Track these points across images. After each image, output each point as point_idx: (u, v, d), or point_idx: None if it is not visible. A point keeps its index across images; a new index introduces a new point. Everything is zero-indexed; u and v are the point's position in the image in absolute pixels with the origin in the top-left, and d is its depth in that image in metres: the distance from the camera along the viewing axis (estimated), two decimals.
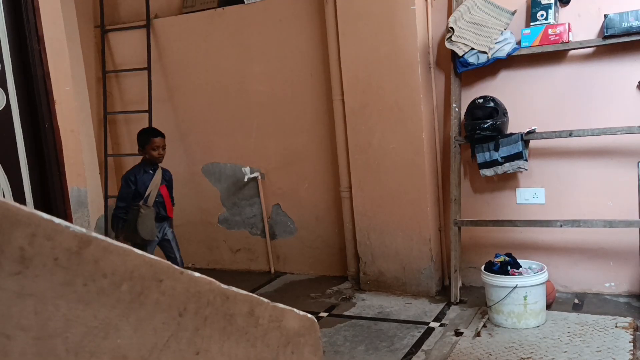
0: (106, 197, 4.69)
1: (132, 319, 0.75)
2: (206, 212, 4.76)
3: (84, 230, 0.71)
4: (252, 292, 3.41)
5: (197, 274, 0.83)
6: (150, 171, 3.59)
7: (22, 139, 2.85)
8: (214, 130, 4.59)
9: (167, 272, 0.79)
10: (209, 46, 4.48)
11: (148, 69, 4.59)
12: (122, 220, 3.55)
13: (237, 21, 4.35)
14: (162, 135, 3.59)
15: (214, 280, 0.85)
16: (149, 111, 4.58)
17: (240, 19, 4.34)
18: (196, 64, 4.56)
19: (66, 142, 3.32)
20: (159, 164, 3.62)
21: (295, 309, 1.03)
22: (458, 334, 3.10)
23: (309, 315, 1.05)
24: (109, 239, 0.73)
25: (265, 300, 0.95)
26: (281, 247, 4.52)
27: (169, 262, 0.79)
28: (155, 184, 3.57)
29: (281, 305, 0.98)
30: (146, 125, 4.59)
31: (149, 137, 3.54)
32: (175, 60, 4.65)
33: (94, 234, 0.71)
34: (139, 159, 3.76)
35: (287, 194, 4.41)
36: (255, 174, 4.41)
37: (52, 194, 3.06)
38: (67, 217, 3.53)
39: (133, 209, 3.52)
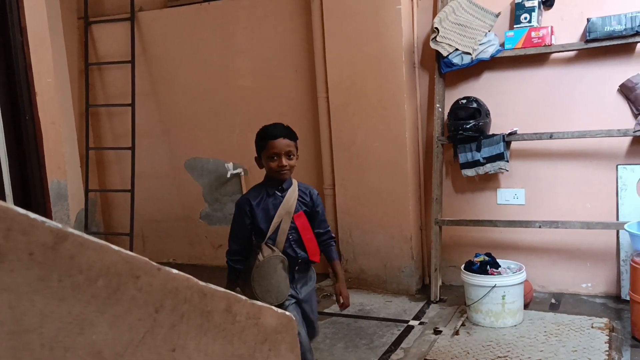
0: (87, 191, 4.65)
1: (107, 315, 0.75)
2: (188, 208, 4.74)
3: (60, 225, 0.71)
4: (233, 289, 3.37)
5: (174, 271, 0.83)
6: (277, 192, 2.34)
7: (2, 131, 2.82)
8: (197, 125, 4.57)
9: (144, 269, 0.78)
10: (194, 40, 4.46)
11: (132, 62, 4.55)
12: (237, 272, 2.37)
13: (222, 16, 4.33)
14: (287, 136, 2.31)
15: (191, 277, 0.85)
16: (132, 105, 4.55)
17: (225, 14, 4.32)
18: (181, 58, 4.53)
19: (47, 135, 3.28)
20: (292, 180, 2.40)
21: (273, 307, 1.03)
22: (437, 332, 3.13)
23: (287, 312, 1.05)
24: (85, 235, 0.73)
25: (243, 297, 0.96)
26: None
27: (146, 258, 0.79)
28: (285, 211, 2.32)
29: (259, 303, 0.98)
30: (129, 119, 4.55)
31: (264, 139, 2.31)
32: (159, 54, 4.61)
33: (70, 230, 0.71)
34: (122, 154, 3.65)
35: None
36: (238, 170, 4.39)
37: (31, 187, 3.04)
38: (47, 209, 3.50)
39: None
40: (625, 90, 3.28)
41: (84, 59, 4.75)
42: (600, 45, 3.21)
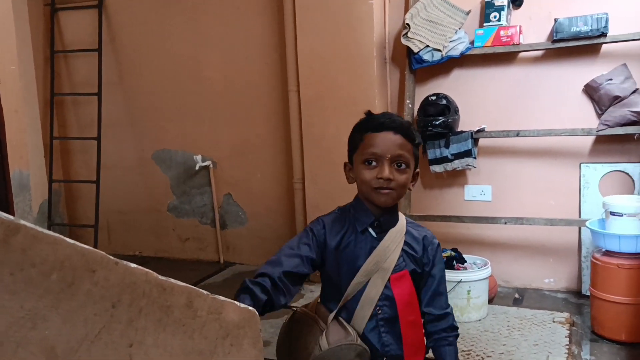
0: (50, 181, 4.55)
1: (61, 310, 0.73)
2: (155, 200, 4.67)
3: (11, 217, 0.68)
4: (200, 281, 3.37)
5: (133, 265, 0.81)
6: (371, 231, 1.51)
7: None
8: (165, 116, 4.50)
9: (100, 263, 0.77)
10: (164, 30, 4.39)
11: (99, 50, 4.45)
12: (250, 292, 1.32)
13: (193, 6, 4.27)
14: (401, 132, 1.47)
15: (150, 271, 0.84)
16: (99, 94, 4.45)
17: (197, 3, 4.26)
18: (149, 47, 4.45)
19: (9, 123, 3.20)
20: (400, 215, 1.57)
21: (236, 302, 1.02)
22: None
23: (250, 307, 1.05)
24: (38, 227, 0.70)
25: (205, 292, 0.94)
26: (231, 237, 4.49)
27: (103, 252, 0.77)
28: (378, 266, 1.47)
29: (221, 298, 0.97)
30: (95, 108, 4.46)
31: (361, 130, 1.54)
32: (127, 43, 4.53)
33: (23, 222, 0.69)
34: (87, 144, 3.59)
35: (239, 183, 4.37)
36: (207, 163, 4.35)
37: None
38: (8, 200, 3.41)
39: (297, 319, 1.55)
40: (590, 90, 3.35)
41: (49, 47, 4.64)
42: (567, 46, 3.27)
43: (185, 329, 0.90)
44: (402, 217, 1.57)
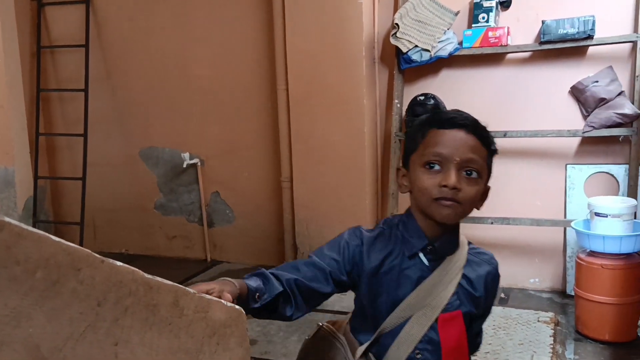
0: (36, 178, 4.50)
1: (46, 308, 0.72)
2: (142, 197, 4.64)
3: None
4: (187, 280, 3.35)
5: (118, 263, 0.80)
6: (422, 257, 1.22)
7: None
8: (153, 114, 4.47)
9: (86, 261, 0.76)
10: (152, 26, 4.36)
11: (86, 46, 4.41)
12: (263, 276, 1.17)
13: (182, 2, 4.24)
14: (474, 132, 1.23)
15: (136, 269, 0.83)
16: (85, 90, 4.42)
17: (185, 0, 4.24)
18: (137, 43, 4.42)
19: None
20: (462, 238, 1.29)
21: (222, 300, 1.02)
22: None
23: (237, 306, 1.04)
24: (23, 225, 0.70)
25: (192, 290, 0.94)
26: (218, 235, 4.47)
27: (89, 250, 0.77)
28: (424, 302, 1.20)
29: (208, 296, 0.97)
30: (82, 104, 4.42)
31: (425, 125, 1.22)
32: (115, 39, 4.49)
33: (7, 219, 0.68)
34: (74, 140, 3.55)
35: (226, 182, 4.36)
36: (194, 161, 4.33)
37: None
38: None
39: (323, 337, 1.35)
40: (576, 92, 3.38)
41: (36, 42, 4.59)
42: (554, 47, 3.30)
43: (172, 327, 0.89)
44: (463, 242, 1.26)
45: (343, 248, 1.24)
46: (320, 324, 1.37)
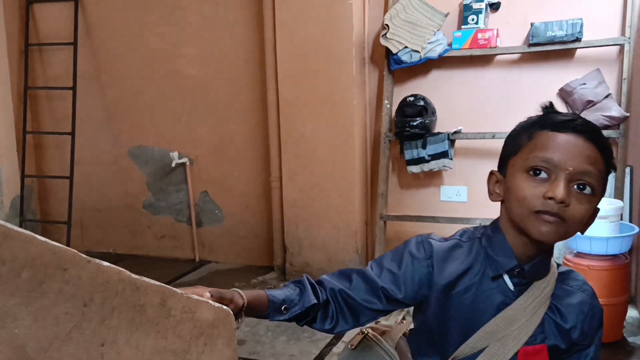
0: (23, 177, 4.46)
1: (32, 308, 0.72)
2: (131, 196, 4.62)
3: None
4: (175, 280, 3.34)
5: (105, 263, 0.80)
6: (507, 280, 1.07)
7: None
8: (142, 112, 4.45)
9: (72, 261, 0.76)
10: (141, 24, 4.33)
11: (74, 44, 4.38)
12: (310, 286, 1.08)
13: (171, 1, 4.22)
14: (592, 140, 1.01)
15: (123, 269, 0.83)
16: (74, 88, 4.38)
17: None
18: (127, 42, 4.40)
19: None
20: (552, 262, 1.11)
21: (210, 301, 1.01)
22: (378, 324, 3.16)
23: (225, 307, 1.04)
24: (9, 224, 0.69)
25: (179, 291, 0.94)
26: (207, 235, 4.46)
27: (75, 250, 0.76)
28: (503, 332, 1.04)
29: (195, 297, 0.96)
30: (70, 103, 4.39)
31: (535, 126, 1.12)
32: (104, 37, 4.46)
33: None
34: (61, 139, 3.52)
35: (215, 181, 4.35)
36: (183, 160, 4.32)
37: None
38: None
39: (367, 348, 1.26)
40: (564, 94, 3.40)
41: (24, 39, 4.54)
42: (542, 50, 3.33)
43: (159, 328, 0.89)
44: (553, 266, 1.10)
45: (407, 264, 1.10)
46: (365, 331, 1.25)
